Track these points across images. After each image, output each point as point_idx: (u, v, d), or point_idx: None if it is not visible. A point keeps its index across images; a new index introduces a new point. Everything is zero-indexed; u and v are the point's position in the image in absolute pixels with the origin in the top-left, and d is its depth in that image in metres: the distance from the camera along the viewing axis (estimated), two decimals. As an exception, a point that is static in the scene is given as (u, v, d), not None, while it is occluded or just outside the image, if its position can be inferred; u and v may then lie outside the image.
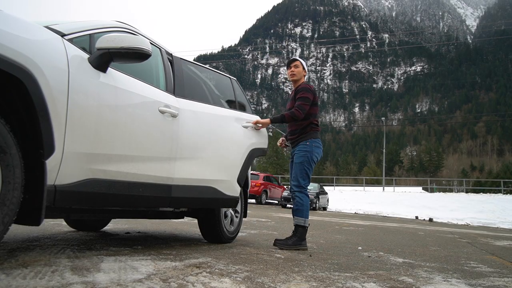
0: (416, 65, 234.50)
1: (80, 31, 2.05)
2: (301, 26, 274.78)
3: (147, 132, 2.34)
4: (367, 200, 22.22)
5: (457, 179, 59.95)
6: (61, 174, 1.74)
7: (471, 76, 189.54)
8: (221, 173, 3.01)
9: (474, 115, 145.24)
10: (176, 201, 2.69)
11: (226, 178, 3.05)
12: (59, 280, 1.50)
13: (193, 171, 2.76)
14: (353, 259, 3.01)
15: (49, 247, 2.33)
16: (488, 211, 17.96)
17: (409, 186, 42.40)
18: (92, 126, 1.90)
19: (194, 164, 2.78)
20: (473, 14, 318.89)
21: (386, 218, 13.56)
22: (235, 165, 3.16)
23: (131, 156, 2.20)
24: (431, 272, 2.64)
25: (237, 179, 3.16)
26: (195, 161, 2.78)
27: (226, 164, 3.07)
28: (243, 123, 3.34)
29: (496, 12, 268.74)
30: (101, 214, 2.41)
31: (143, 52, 2.04)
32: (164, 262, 2.09)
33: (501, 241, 6.46)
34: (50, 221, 4.06)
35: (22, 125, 1.60)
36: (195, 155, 2.79)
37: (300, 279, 2.00)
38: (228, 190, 3.06)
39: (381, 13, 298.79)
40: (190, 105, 2.81)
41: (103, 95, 1.98)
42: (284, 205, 16.83)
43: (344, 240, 4.51)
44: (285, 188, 19.01)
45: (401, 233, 6.68)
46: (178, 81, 2.85)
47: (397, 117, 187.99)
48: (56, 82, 1.68)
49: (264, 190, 18.01)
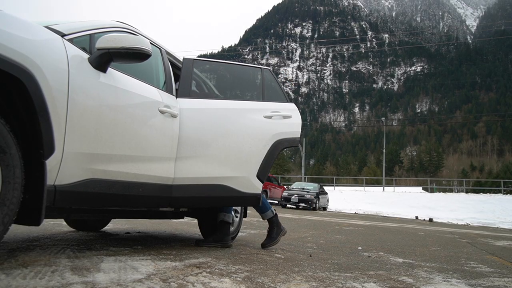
0: (416, 65, 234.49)
1: (80, 31, 2.05)
2: (301, 26, 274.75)
3: (147, 132, 2.34)
4: (367, 200, 22.21)
5: (457, 179, 59.96)
6: (61, 174, 1.74)
7: (471, 76, 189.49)
8: (234, 169, 2.81)
9: (474, 115, 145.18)
10: (176, 200, 2.69)
11: (241, 174, 2.82)
12: (59, 280, 1.50)
13: (197, 170, 2.70)
14: (353, 259, 3.01)
15: (49, 247, 2.33)
16: (488, 211, 17.96)
17: (409, 186, 42.38)
18: (92, 126, 1.90)
19: (199, 162, 2.71)
20: (473, 14, 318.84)
21: (386, 218, 13.56)
22: (253, 159, 2.88)
23: (131, 156, 2.20)
24: (431, 272, 2.64)
25: (257, 174, 2.87)
26: (199, 159, 2.71)
27: (240, 159, 2.84)
28: (266, 113, 3.05)
29: (496, 12, 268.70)
30: (101, 214, 2.41)
31: (143, 52, 2.04)
32: (164, 262, 2.09)
33: (501, 241, 6.46)
34: (50, 221, 4.06)
35: (22, 125, 1.59)
36: (199, 153, 2.72)
37: (300, 279, 2.00)
38: (244, 187, 2.82)
39: (381, 13, 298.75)
40: (192, 104, 2.78)
41: (103, 95, 1.98)
42: (284, 205, 16.83)
43: (344, 240, 4.51)
44: (285, 188, 19.02)
45: (401, 233, 6.67)
46: (183, 82, 2.87)
47: (397, 117, 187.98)
48: (56, 82, 1.68)
49: (264, 190, 18.00)
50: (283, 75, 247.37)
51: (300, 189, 17.21)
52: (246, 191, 2.83)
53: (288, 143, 3.10)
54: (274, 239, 3.30)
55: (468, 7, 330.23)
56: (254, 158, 2.89)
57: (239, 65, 3.59)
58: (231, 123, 2.89)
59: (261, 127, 2.99)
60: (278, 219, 3.42)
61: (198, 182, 2.71)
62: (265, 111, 3.06)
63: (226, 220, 3.16)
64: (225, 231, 3.13)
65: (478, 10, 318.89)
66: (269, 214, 3.37)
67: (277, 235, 3.32)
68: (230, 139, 2.83)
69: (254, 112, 3.02)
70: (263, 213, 3.37)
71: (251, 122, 2.96)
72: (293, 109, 3.20)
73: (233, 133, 2.86)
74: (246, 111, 2.99)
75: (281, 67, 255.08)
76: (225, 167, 2.78)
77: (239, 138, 2.87)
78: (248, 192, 2.84)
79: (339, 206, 19.56)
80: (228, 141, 2.82)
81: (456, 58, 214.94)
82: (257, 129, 2.97)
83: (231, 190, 2.78)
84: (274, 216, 3.39)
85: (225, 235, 3.11)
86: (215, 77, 3.71)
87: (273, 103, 3.19)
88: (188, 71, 2.93)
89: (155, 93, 2.47)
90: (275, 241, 3.30)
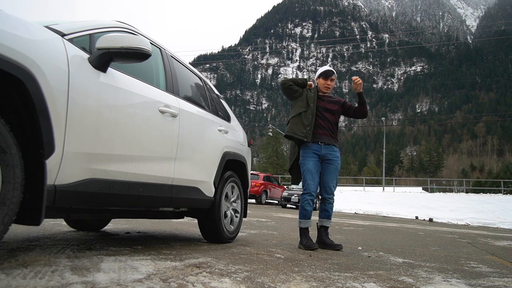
0: (416, 65, 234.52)
1: (80, 31, 2.05)
2: (301, 26, 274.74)
3: (147, 132, 2.34)
4: (367, 200, 22.20)
5: (457, 179, 59.98)
6: (61, 174, 1.74)
7: (471, 76, 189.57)
8: (205, 175, 3.04)
9: (474, 115, 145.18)
10: (176, 201, 2.69)
11: (208, 180, 3.07)
12: (59, 280, 1.50)
13: (188, 171, 2.80)
14: (353, 259, 3.01)
15: (49, 247, 2.33)
16: (488, 211, 17.94)
17: (409, 186, 42.39)
18: (92, 126, 1.90)
19: (190, 164, 2.82)
20: (473, 14, 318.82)
21: (386, 218, 13.56)
22: (214, 167, 3.17)
23: (131, 156, 2.20)
24: (431, 272, 2.64)
25: (213, 181, 3.14)
26: (190, 162, 2.83)
27: (208, 166, 3.10)
28: (218, 126, 3.35)
29: (496, 12, 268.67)
30: (101, 214, 2.41)
31: (143, 52, 2.04)
32: (164, 262, 2.09)
33: (501, 241, 6.46)
34: (50, 221, 4.06)
35: (22, 125, 1.59)
36: (191, 155, 2.84)
37: (300, 279, 2.00)
38: (207, 191, 3.07)
39: (381, 13, 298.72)
40: (187, 106, 2.87)
41: (103, 95, 1.98)
42: (284, 205, 16.82)
43: (344, 240, 4.51)
44: (285, 188, 19.00)
45: (401, 233, 6.67)
46: (180, 82, 2.94)
47: (397, 117, 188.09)
48: (56, 82, 1.68)
49: (264, 190, 18.01)
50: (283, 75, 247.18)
51: (300, 189, 17.20)
52: (208, 195, 3.08)
53: (231, 155, 3.44)
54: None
55: (468, 7, 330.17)
56: (215, 166, 3.19)
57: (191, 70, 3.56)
58: (206, 131, 3.14)
59: (218, 139, 3.30)
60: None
61: (188, 184, 2.82)
62: (217, 124, 3.37)
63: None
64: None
65: (478, 10, 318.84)
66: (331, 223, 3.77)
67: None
68: (207, 146, 3.10)
69: (214, 124, 3.30)
70: (330, 220, 3.72)
71: (214, 133, 3.26)
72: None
73: (208, 141, 3.13)
74: (211, 122, 3.26)
75: (281, 67, 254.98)
76: (201, 171, 3.01)
77: (210, 146, 3.15)
78: (208, 196, 3.09)
79: (339, 206, 19.55)
80: (205, 148, 3.07)
81: (456, 58, 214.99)
82: (217, 140, 3.28)
83: (200, 193, 2.99)
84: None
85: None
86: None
87: (217, 118, 3.49)
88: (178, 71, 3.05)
89: (155, 93, 2.47)
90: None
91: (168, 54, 2.95)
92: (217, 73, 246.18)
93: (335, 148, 3.64)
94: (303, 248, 3.39)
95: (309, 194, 3.48)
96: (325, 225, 3.63)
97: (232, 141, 3.54)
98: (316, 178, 3.53)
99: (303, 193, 3.53)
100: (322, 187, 3.60)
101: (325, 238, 3.59)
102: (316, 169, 3.54)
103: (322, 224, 3.64)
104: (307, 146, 3.57)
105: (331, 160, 3.59)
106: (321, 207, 3.65)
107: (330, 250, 3.48)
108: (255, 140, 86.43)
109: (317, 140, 3.57)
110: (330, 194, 3.61)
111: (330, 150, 3.60)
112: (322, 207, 3.64)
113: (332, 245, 3.53)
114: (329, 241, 3.57)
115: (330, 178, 3.59)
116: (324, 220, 3.63)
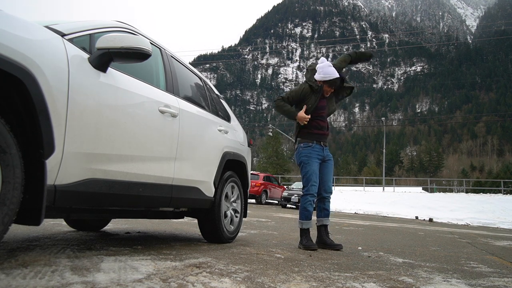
0: (416, 65, 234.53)
1: (80, 31, 2.05)
2: (301, 26, 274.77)
3: (147, 132, 2.34)
4: (367, 200, 22.20)
5: (457, 179, 59.97)
6: (61, 174, 1.74)
7: (471, 76, 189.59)
8: (205, 175, 3.06)
9: (474, 115, 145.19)
10: (176, 201, 2.70)
11: (208, 180, 3.08)
12: (59, 280, 1.50)
13: (188, 172, 2.81)
14: (353, 259, 3.01)
15: (49, 247, 2.33)
16: (488, 211, 17.93)
17: (409, 186, 42.38)
18: (92, 126, 1.90)
19: (190, 164, 2.83)
20: (473, 14, 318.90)
21: (386, 218, 13.56)
22: (214, 167, 3.19)
23: (131, 156, 2.20)
24: (431, 272, 2.64)
25: (213, 181, 3.16)
26: (190, 162, 2.83)
27: (208, 166, 3.11)
28: (218, 126, 3.36)
29: (496, 12, 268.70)
30: (101, 214, 2.41)
31: (143, 52, 2.04)
32: (164, 262, 2.09)
33: (501, 241, 6.46)
34: (50, 221, 4.06)
35: (22, 125, 1.59)
36: (191, 155, 2.84)
37: (300, 279, 2.00)
38: (207, 191, 3.08)
39: (381, 13, 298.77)
40: (187, 106, 2.87)
41: (103, 95, 1.98)
42: (284, 205, 16.82)
43: (344, 240, 4.51)
44: (285, 188, 19.00)
45: (401, 233, 6.67)
46: (180, 82, 2.95)
47: (397, 117, 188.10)
48: (56, 81, 1.68)
49: (264, 190, 18.01)
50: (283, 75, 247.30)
51: (300, 189, 17.20)
52: (208, 195, 3.09)
53: (231, 156, 3.44)
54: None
55: (468, 7, 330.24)
56: (215, 166, 3.21)
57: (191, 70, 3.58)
58: (207, 131, 3.15)
59: (218, 139, 3.31)
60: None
61: (188, 184, 2.83)
62: (217, 124, 3.37)
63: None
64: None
65: (478, 10, 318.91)
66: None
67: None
68: (206, 146, 3.11)
69: (214, 124, 3.31)
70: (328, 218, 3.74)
71: (214, 133, 3.27)
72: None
73: (208, 141, 3.14)
74: (211, 122, 3.27)
75: (281, 67, 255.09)
76: (201, 171, 3.03)
77: (210, 146, 3.17)
78: (208, 196, 3.10)
79: (339, 206, 19.55)
80: (205, 148, 3.09)
81: (456, 58, 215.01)
82: (217, 140, 3.29)
83: (200, 193, 3.00)
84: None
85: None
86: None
87: (219, 118, 3.51)
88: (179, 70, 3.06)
89: (155, 93, 2.47)
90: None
91: (168, 54, 2.95)
92: (217, 73, 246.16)
93: (327, 147, 3.73)
94: (303, 248, 3.39)
95: (312, 195, 3.50)
96: (326, 223, 3.63)
97: (232, 141, 3.54)
98: (318, 180, 3.55)
99: (305, 194, 3.52)
100: (322, 187, 3.61)
101: (326, 238, 3.59)
102: (318, 171, 3.57)
103: (323, 223, 3.64)
104: (311, 147, 3.59)
105: (329, 160, 3.68)
106: (321, 206, 3.65)
107: (330, 250, 3.48)
108: (255, 140, 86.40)
109: (320, 141, 3.61)
110: (329, 193, 3.65)
111: (327, 150, 3.68)
112: (322, 206, 3.64)
113: (332, 245, 3.53)
114: (329, 241, 3.57)
115: (329, 178, 3.66)
116: (324, 219, 3.64)
